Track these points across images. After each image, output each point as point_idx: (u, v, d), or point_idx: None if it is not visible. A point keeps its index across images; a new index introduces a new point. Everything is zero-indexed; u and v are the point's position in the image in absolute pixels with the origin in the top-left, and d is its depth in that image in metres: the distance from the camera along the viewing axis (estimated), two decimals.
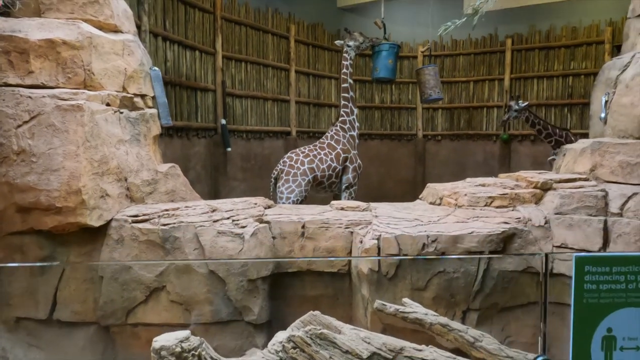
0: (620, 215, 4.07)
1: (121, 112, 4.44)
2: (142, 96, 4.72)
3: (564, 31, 10.17)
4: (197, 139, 8.21)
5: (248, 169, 9.41)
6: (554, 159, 8.12)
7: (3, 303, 3.81)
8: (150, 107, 4.84)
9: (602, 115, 4.91)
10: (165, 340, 2.34)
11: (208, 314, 4.16)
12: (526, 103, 8.47)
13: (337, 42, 7.32)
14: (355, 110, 6.80)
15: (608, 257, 1.57)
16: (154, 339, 2.38)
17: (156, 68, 4.97)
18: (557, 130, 8.34)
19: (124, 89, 4.52)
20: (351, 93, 6.84)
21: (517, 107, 8.38)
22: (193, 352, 2.31)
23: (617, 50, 8.49)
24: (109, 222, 4.18)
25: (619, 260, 1.48)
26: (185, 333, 2.39)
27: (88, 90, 4.13)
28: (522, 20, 10.61)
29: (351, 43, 7.09)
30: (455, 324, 3.10)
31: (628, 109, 4.56)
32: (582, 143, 4.90)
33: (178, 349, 2.29)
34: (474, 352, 2.95)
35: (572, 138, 8.24)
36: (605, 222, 4.08)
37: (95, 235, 4.16)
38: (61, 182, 3.83)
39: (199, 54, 8.24)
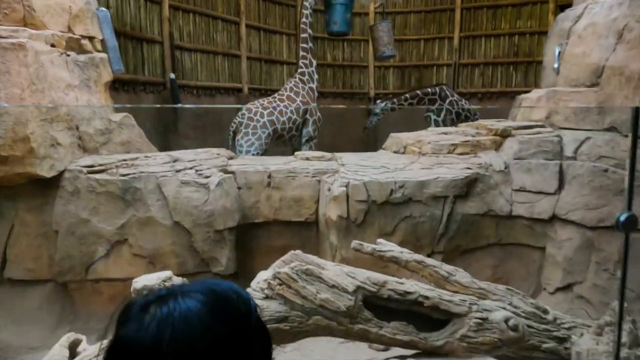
0: (574, 158, 4.28)
1: (68, 55, 4.07)
2: (90, 38, 4.35)
3: None
4: (145, 93, 7.75)
5: (199, 127, 9.05)
6: (428, 115, 8.43)
7: None
8: (99, 51, 4.48)
9: (555, 65, 5.08)
10: (147, 280, 2.22)
11: (174, 266, 4.01)
12: (384, 103, 8.60)
13: None
14: (314, 62, 6.65)
15: None
16: (134, 280, 2.25)
17: (104, 9, 4.58)
18: (429, 89, 8.51)
19: (70, 30, 4.13)
20: (310, 44, 6.66)
21: (377, 110, 8.47)
22: None
23: (560, 9, 8.78)
24: (61, 173, 3.88)
25: None
26: (167, 273, 2.28)
27: (30, 28, 3.74)
28: None
29: None
30: (430, 261, 3.17)
31: (580, 58, 4.74)
32: (537, 92, 5.07)
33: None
34: (448, 286, 3.04)
35: (448, 91, 8.56)
36: (561, 165, 4.28)
37: (47, 187, 3.86)
38: (5, 129, 3.49)
39: (144, 1, 7.68)
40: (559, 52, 5.10)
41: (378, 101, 8.60)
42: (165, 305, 0.74)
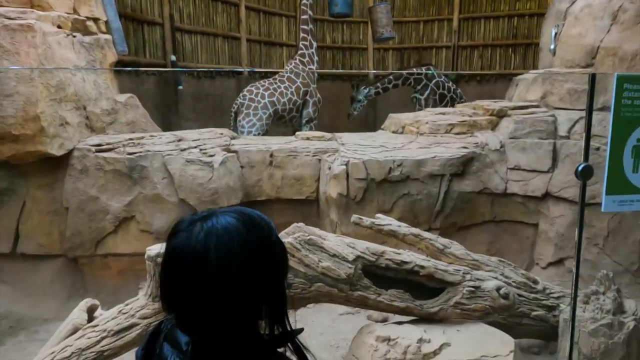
0: (568, 137, 4.41)
1: (74, 36, 4.16)
2: (95, 20, 4.43)
3: None
4: (147, 75, 7.81)
5: (200, 109, 9.12)
6: (415, 96, 8.42)
7: None
8: (104, 33, 4.56)
9: (552, 46, 5.18)
10: (160, 247, 2.36)
11: None
12: (367, 89, 8.41)
13: None
14: (315, 44, 6.70)
15: None
16: (147, 248, 2.40)
17: None
18: (415, 69, 8.41)
19: (75, 11, 4.21)
20: (310, 26, 6.70)
21: (360, 97, 8.33)
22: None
23: None
24: (70, 152, 4.00)
25: None
26: None
27: (36, 10, 3.82)
28: None
29: None
30: (426, 234, 3.32)
31: (576, 39, 4.83)
32: (533, 73, 5.17)
33: None
34: (444, 258, 3.19)
35: (432, 66, 8.55)
36: (555, 144, 4.41)
37: (57, 165, 3.99)
38: (16, 108, 3.60)
39: None
40: (556, 34, 5.19)
41: (361, 88, 8.53)
42: (209, 220, 0.94)
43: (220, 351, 0.92)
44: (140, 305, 2.42)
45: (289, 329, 1.00)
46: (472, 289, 2.91)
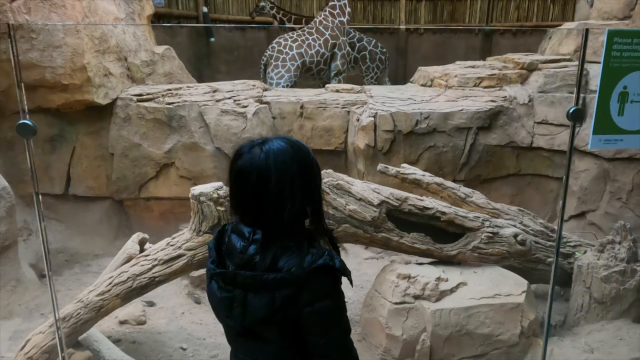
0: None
1: None
2: None
3: None
4: (179, 27, 7.96)
5: (231, 61, 9.25)
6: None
7: (19, 179, 3.97)
8: None
9: None
10: (203, 188, 2.61)
11: None
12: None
13: None
14: None
15: (631, 31, 2.12)
16: (191, 188, 2.65)
17: None
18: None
19: None
20: None
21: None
22: (228, 197, 2.59)
23: None
24: (114, 101, 4.26)
25: (638, 34, 1.91)
26: (219, 183, 2.66)
27: None
28: None
29: None
30: (449, 183, 3.47)
31: None
32: (567, 26, 5.08)
33: (215, 195, 2.58)
34: (465, 206, 3.35)
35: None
36: (584, 98, 4.40)
37: (102, 113, 4.27)
38: (65, 59, 3.84)
39: None
40: None
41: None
42: (265, 144, 1.23)
43: (278, 239, 1.21)
44: (185, 239, 2.71)
45: (325, 225, 1.29)
46: (491, 234, 3.08)
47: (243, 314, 1.21)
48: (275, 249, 1.20)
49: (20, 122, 1.95)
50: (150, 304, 3.57)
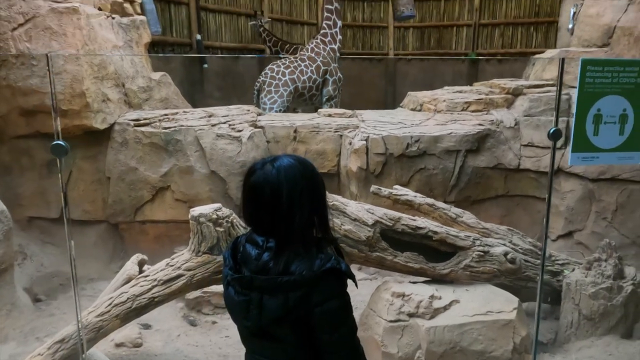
0: None
1: (113, 18, 4.45)
2: (131, 2, 4.72)
3: None
4: (173, 54, 8.12)
5: (224, 87, 9.41)
6: None
7: (15, 204, 4.01)
8: (139, 14, 4.86)
9: (570, 26, 5.28)
10: (202, 209, 2.68)
11: None
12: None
13: None
14: (339, 23, 6.84)
15: (603, 60, 2.48)
16: (191, 209, 2.72)
17: None
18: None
19: None
20: (336, 4, 6.82)
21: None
22: (226, 219, 2.67)
23: None
24: (112, 126, 4.34)
25: (608, 63, 2.18)
26: (217, 205, 2.73)
27: None
28: None
29: None
30: (440, 204, 3.58)
31: (594, 19, 4.93)
32: (550, 52, 5.30)
33: (214, 216, 2.65)
34: (456, 226, 3.45)
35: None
36: (568, 122, 4.58)
37: (100, 138, 4.34)
38: (64, 85, 3.93)
39: None
40: (574, 13, 5.29)
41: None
42: (276, 162, 1.36)
43: (290, 246, 1.34)
44: (185, 259, 2.76)
45: (331, 234, 1.42)
46: (481, 253, 3.17)
47: (259, 314, 1.32)
48: (287, 255, 1.32)
49: (55, 142, 2.22)
50: (146, 326, 3.58)
